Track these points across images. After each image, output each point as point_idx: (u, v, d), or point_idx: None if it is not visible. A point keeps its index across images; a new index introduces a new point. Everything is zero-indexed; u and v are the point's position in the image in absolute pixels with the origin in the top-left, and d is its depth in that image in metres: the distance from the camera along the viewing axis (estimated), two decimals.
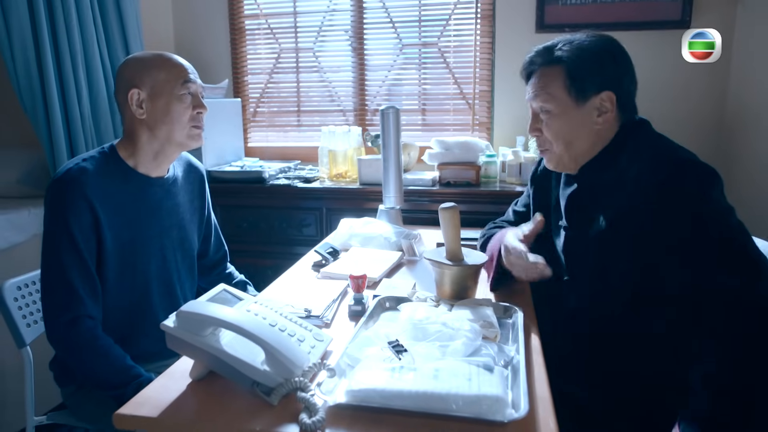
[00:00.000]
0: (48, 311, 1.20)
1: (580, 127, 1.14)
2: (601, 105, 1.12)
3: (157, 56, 1.31)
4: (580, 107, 1.13)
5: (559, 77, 1.13)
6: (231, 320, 0.87)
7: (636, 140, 1.12)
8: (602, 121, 1.13)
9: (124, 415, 0.82)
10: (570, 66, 1.11)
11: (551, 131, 1.16)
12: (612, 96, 1.12)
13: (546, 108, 1.15)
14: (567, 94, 1.12)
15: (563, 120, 1.14)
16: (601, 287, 1.13)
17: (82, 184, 1.20)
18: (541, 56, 1.16)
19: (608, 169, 1.14)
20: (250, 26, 2.78)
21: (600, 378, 1.14)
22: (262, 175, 2.33)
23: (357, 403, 0.80)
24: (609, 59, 1.12)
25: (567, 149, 1.16)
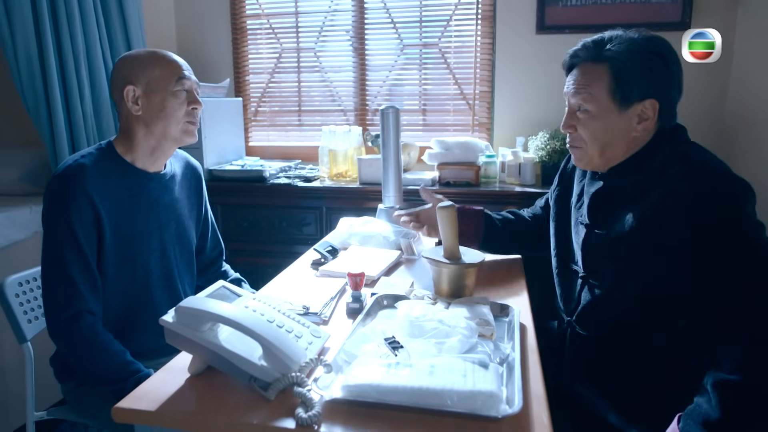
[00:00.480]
0: (49, 307, 1.21)
1: (618, 132, 1.10)
2: (643, 112, 1.08)
3: (151, 53, 1.32)
4: (621, 113, 1.09)
5: (605, 78, 1.08)
6: (229, 316, 0.87)
7: (670, 147, 1.08)
8: (641, 129, 1.10)
9: (122, 409, 0.83)
10: (618, 68, 1.07)
11: (588, 131, 1.13)
12: (656, 104, 1.08)
13: (585, 107, 1.11)
14: (610, 97, 1.08)
15: (602, 123, 1.11)
16: (618, 286, 1.12)
17: (82, 180, 1.21)
18: (589, 51, 1.11)
19: (637, 173, 1.11)
20: (252, 26, 2.80)
21: (606, 377, 1.14)
22: (263, 174, 2.34)
23: (353, 398, 0.80)
24: (660, 65, 1.07)
25: (601, 151, 1.13)
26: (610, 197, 1.16)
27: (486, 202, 2.16)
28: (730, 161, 2.19)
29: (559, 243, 1.30)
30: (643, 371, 1.10)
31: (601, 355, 1.15)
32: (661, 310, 1.06)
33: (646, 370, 1.09)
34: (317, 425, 0.77)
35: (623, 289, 1.10)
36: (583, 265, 1.19)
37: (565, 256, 1.28)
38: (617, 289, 1.12)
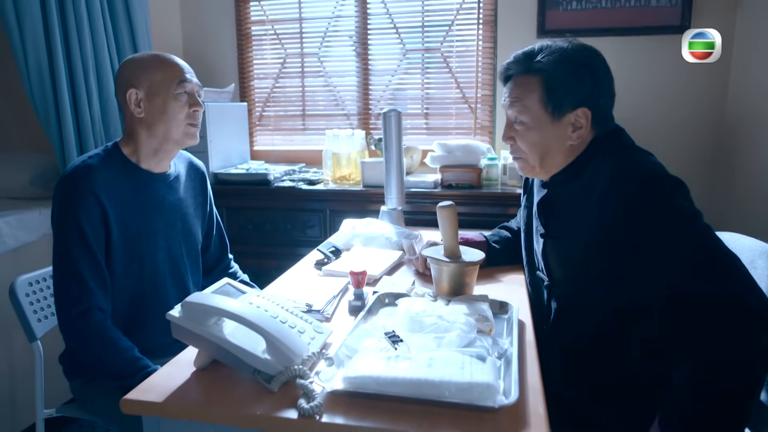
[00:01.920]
0: (60, 303, 1.24)
1: (554, 141, 1.14)
2: (576, 121, 1.12)
3: (153, 57, 1.36)
4: (555, 123, 1.13)
5: (536, 90, 1.12)
6: (234, 311, 0.90)
7: (604, 153, 1.11)
8: (576, 137, 1.13)
9: (131, 401, 0.86)
10: (548, 79, 1.10)
11: (525, 142, 1.17)
12: (588, 113, 1.11)
13: (521, 119, 1.15)
14: (543, 108, 1.12)
15: (537, 133, 1.14)
16: (579, 292, 1.16)
17: (89, 180, 1.24)
18: (519, 64, 1.15)
19: (576, 180, 1.15)
20: (257, 32, 2.84)
21: (582, 378, 1.17)
22: (268, 177, 2.37)
23: (353, 389, 0.83)
24: (588, 74, 1.10)
25: (540, 160, 1.17)
26: (555, 205, 1.20)
27: (488, 204, 2.18)
28: (730, 163, 2.23)
29: (528, 253, 1.34)
30: (621, 372, 1.12)
31: (578, 359, 1.18)
32: (624, 311, 1.08)
33: (623, 370, 1.11)
34: (319, 415, 0.80)
35: (584, 294, 1.14)
36: (546, 274, 1.23)
37: (532, 266, 1.32)
38: (579, 295, 1.15)
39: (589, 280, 1.12)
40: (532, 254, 1.32)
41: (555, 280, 1.21)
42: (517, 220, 1.60)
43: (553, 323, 1.22)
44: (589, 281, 1.12)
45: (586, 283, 1.13)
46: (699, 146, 2.37)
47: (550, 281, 1.22)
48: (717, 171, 2.35)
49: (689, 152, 2.36)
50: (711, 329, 0.91)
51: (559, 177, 1.19)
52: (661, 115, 2.38)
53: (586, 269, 1.12)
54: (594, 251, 1.09)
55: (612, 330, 1.11)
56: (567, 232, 1.16)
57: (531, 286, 1.33)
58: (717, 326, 0.91)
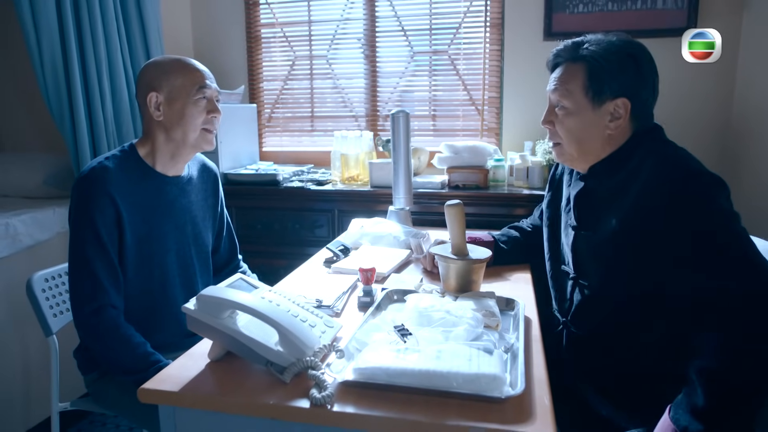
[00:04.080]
0: (74, 300, 1.27)
1: (592, 128, 1.16)
2: (615, 111, 1.14)
3: (175, 61, 1.38)
4: (595, 110, 1.15)
5: (580, 76, 1.15)
6: (248, 304, 0.93)
7: (646, 147, 1.13)
8: (614, 127, 1.15)
9: (147, 390, 0.89)
10: (592, 67, 1.13)
11: (563, 127, 1.19)
12: (627, 103, 1.13)
13: (562, 103, 1.18)
14: (584, 94, 1.15)
15: (577, 119, 1.17)
16: (605, 285, 1.17)
17: (105, 181, 1.27)
18: (567, 51, 1.18)
19: (616, 174, 1.16)
20: (266, 34, 2.87)
21: (601, 374, 1.18)
22: (277, 177, 2.40)
23: (364, 380, 0.85)
24: (631, 66, 1.13)
25: (577, 147, 1.19)
26: (592, 198, 1.21)
27: (494, 204, 2.20)
28: (737, 163, 2.24)
29: (552, 246, 1.35)
30: (637, 366, 1.13)
31: (596, 353, 1.19)
32: (648, 306, 1.10)
33: (639, 365, 1.13)
34: (330, 405, 0.82)
35: (611, 288, 1.15)
36: (573, 267, 1.24)
37: (557, 259, 1.33)
38: (605, 289, 1.16)
39: (620, 271, 1.13)
40: (557, 248, 1.33)
41: (583, 273, 1.22)
42: (531, 219, 1.61)
43: (573, 315, 1.23)
44: (619, 272, 1.13)
45: (615, 275, 1.14)
46: (706, 147, 2.38)
47: (577, 274, 1.23)
48: (724, 171, 2.34)
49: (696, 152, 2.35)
50: (734, 327, 0.93)
51: (599, 169, 1.20)
52: (667, 115, 2.36)
53: (619, 260, 1.13)
54: (627, 244, 1.10)
55: (634, 325, 1.13)
56: (601, 224, 1.17)
57: (552, 279, 1.34)
58: (741, 325, 0.92)
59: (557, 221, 1.35)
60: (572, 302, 1.24)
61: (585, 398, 1.21)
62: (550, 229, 1.37)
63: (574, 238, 1.24)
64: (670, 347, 1.09)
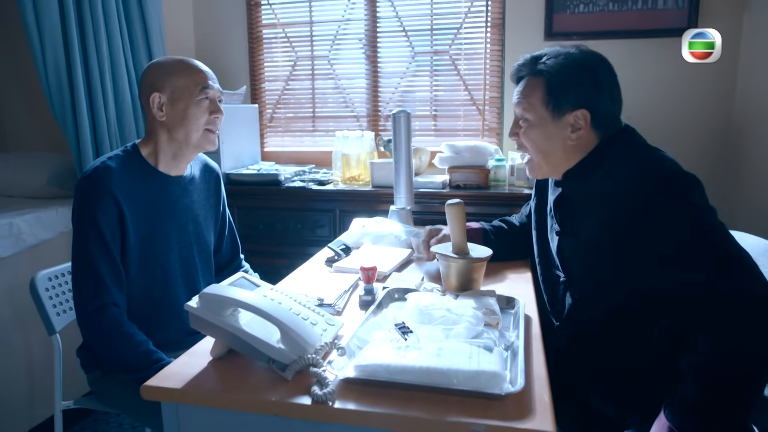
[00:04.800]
0: (77, 299, 1.28)
1: (554, 140, 1.18)
2: (575, 122, 1.16)
3: (178, 62, 1.39)
4: (555, 122, 1.17)
5: (540, 90, 1.17)
6: (250, 302, 0.94)
7: (617, 150, 1.15)
8: (575, 137, 1.17)
9: (150, 387, 0.89)
10: (550, 81, 1.16)
11: (528, 139, 1.22)
12: (587, 114, 1.15)
13: (525, 116, 1.20)
14: (544, 107, 1.17)
15: (539, 131, 1.19)
16: (595, 288, 1.18)
17: (108, 181, 1.28)
18: (527, 66, 1.21)
19: (590, 177, 1.18)
20: (268, 35, 2.89)
21: (597, 373, 1.19)
22: (278, 177, 2.41)
23: (365, 377, 0.86)
24: (588, 78, 1.15)
25: (543, 158, 1.21)
26: (571, 203, 1.23)
27: (495, 204, 2.21)
28: (738, 163, 2.24)
29: (541, 250, 1.37)
30: (632, 365, 1.14)
31: (591, 354, 1.20)
32: (639, 306, 1.11)
33: (634, 364, 1.14)
34: (332, 402, 0.83)
35: (600, 290, 1.16)
36: (562, 271, 1.26)
37: (547, 263, 1.34)
38: (595, 292, 1.18)
39: (606, 274, 1.14)
40: (546, 252, 1.35)
41: (571, 277, 1.24)
42: (519, 217, 1.62)
43: (566, 318, 1.24)
44: (606, 275, 1.14)
45: (603, 278, 1.15)
46: (706, 145, 2.38)
47: (567, 278, 1.25)
48: (724, 170, 2.36)
49: (697, 151, 2.37)
50: (723, 321, 0.93)
51: (572, 174, 1.22)
52: (668, 115, 2.40)
53: (604, 263, 1.14)
54: (610, 247, 1.11)
55: (625, 324, 1.14)
56: (583, 228, 1.19)
57: (544, 283, 1.35)
58: (729, 319, 0.93)
59: (544, 225, 1.36)
60: (564, 305, 1.25)
61: (583, 397, 1.21)
62: (538, 232, 1.39)
63: (558, 243, 1.26)
64: (663, 345, 1.10)
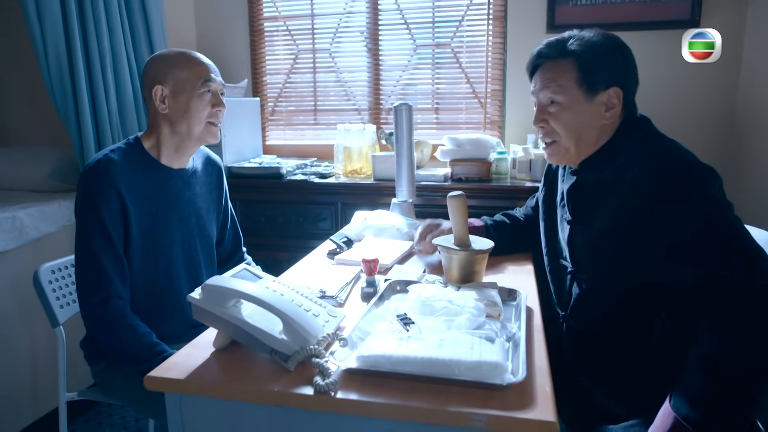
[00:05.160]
0: (81, 291, 1.29)
1: (589, 120, 1.17)
2: (609, 100, 1.15)
3: (181, 54, 1.39)
4: (590, 101, 1.15)
5: (571, 70, 1.15)
6: (252, 293, 0.94)
7: (636, 138, 1.15)
8: (609, 116, 1.16)
9: (154, 378, 0.90)
10: (582, 60, 1.15)
11: (561, 123, 1.18)
12: (619, 92, 1.15)
13: (556, 99, 1.17)
14: (578, 87, 1.15)
15: (573, 112, 1.17)
16: (603, 278, 1.18)
17: (110, 174, 1.28)
18: (553, 49, 1.19)
19: (607, 166, 1.17)
20: (269, 28, 2.88)
21: (601, 366, 1.19)
22: (280, 171, 2.41)
23: (367, 367, 0.86)
24: (619, 56, 1.16)
25: (576, 142, 1.19)
26: (585, 192, 1.22)
27: (497, 197, 2.21)
28: (741, 157, 2.24)
29: (549, 241, 1.36)
30: (637, 358, 1.14)
31: (596, 346, 1.20)
32: (647, 298, 1.10)
33: (639, 356, 1.14)
34: (334, 392, 0.83)
35: (608, 281, 1.16)
36: (570, 261, 1.25)
37: (555, 253, 1.34)
38: (603, 282, 1.17)
39: (616, 264, 1.14)
40: (554, 243, 1.34)
41: (579, 267, 1.23)
42: (524, 210, 1.62)
43: (572, 308, 1.24)
44: (615, 265, 1.14)
45: (612, 267, 1.15)
46: (710, 138, 2.37)
47: (575, 268, 1.24)
48: (727, 162, 2.35)
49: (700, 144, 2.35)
50: (730, 313, 0.94)
51: (590, 162, 1.21)
52: (671, 106, 2.39)
53: (614, 253, 1.13)
54: (621, 235, 1.11)
55: (632, 315, 1.13)
56: (596, 217, 1.18)
57: (551, 273, 1.34)
58: (736, 310, 0.93)
59: (553, 216, 1.35)
60: (571, 296, 1.25)
61: (585, 390, 1.22)
62: (546, 223, 1.38)
63: (570, 232, 1.25)
64: (669, 337, 1.10)
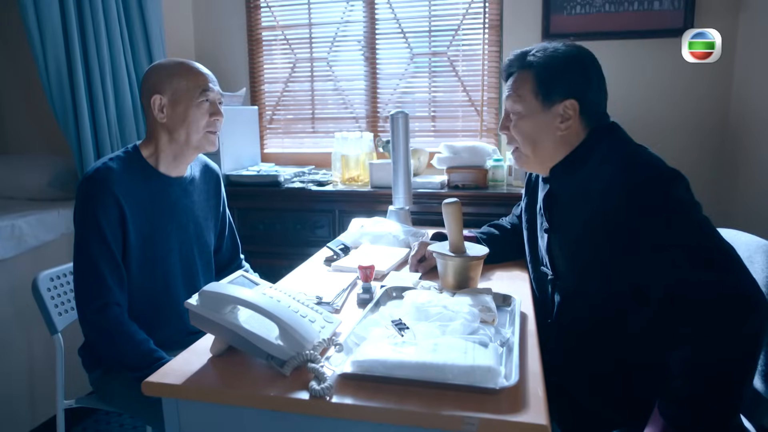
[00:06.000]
0: (79, 299, 1.30)
1: (544, 130, 1.21)
2: (564, 112, 1.19)
3: (179, 64, 1.40)
4: (545, 112, 1.20)
5: (529, 81, 1.20)
6: (249, 299, 0.95)
7: (605, 146, 1.18)
8: (564, 128, 1.19)
9: (151, 383, 0.91)
10: (538, 72, 1.19)
11: (518, 131, 1.24)
12: (575, 104, 1.18)
13: (516, 109, 1.23)
14: (534, 97, 1.20)
15: (529, 122, 1.22)
16: (580, 284, 1.20)
17: (109, 182, 1.30)
18: (516, 60, 1.25)
19: (576, 174, 1.20)
20: (267, 37, 2.90)
21: (584, 368, 1.21)
22: (278, 178, 2.42)
23: (362, 372, 0.87)
24: (577, 69, 1.19)
25: (532, 150, 1.23)
26: (557, 200, 1.25)
27: (493, 204, 2.22)
28: (734, 159, 2.26)
29: (532, 249, 1.39)
30: (622, 361, 1.15)
31: (582, 351, 1.21)
32: (626, 302, 1.12)
33: (624, 359, 1.15)
34: (329, 396, 0.84)
35: (586, 287, 1.18)
36: (550, 268, 1.28)
37: (537, 261, 1.37)
38: (582, 288, 1.20)
39: (592, 271, 1.16)
40: (536, 251, 1.37)
41: (559, 274, 1.26)
42: (510, 218, 1.64)
43: (556, 316, 1.26)
44: (591, 271, 1.16)
45: (589, 274, 1.17)
46: (702, 145, 2.40)
47: (554, 275, 1.27)
48: (720, 169, 2.37)
49: (693, 151, 2.39)
50: (707, 314, 0.95)
51: (559, 170, 1.24)
52: (664, 115, 2.41)
53: (589, 260, 1.16)
54: (597, 241, 1.13)
55: (612, 320, 1.15)
56: (570, 225, 1.21)
57: (535, 281, 1.37)
58: (713, 311, 0.94)
59: (535, 224, 1.38)
60: (554, 303, 1.27)
61: (575, 395, 1.23)
62: (529, 232, 1.41)
63: (548, 240, 1.28)
64: (653, 340, 1.11)
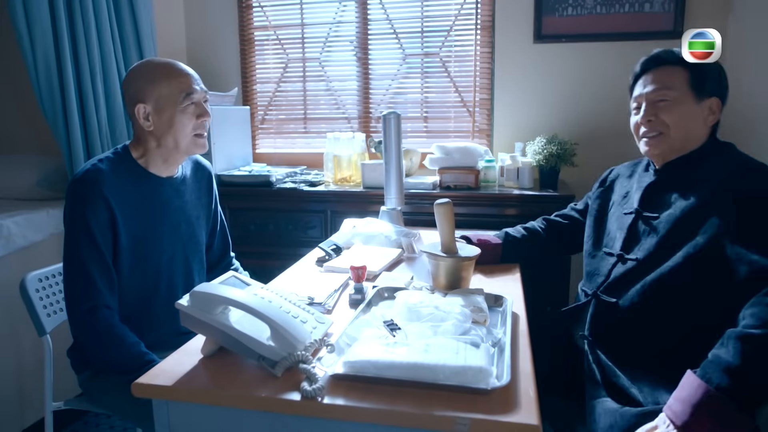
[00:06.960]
0: (69, 301, 1.29)
1: (695, 119, 1.28)
2: (711, 108, 1.28)
3: (159, 68, 1.36)
4: (698, 103, 1.27)
5: (682, 73, 1.28)
6: (240, 300, 0.95)
7: (725, 150, 1.28)
8: (710, 122, 1.28)
9: (141, 384, 0.90)
10: (693, 66, 1.27)
11: (672, 116, 1.28)
12: (720, 104, 1.28)
13: (668, 96, 1.28)
14: (689, 87, 1.27)
15: (683, 109, 1.27)
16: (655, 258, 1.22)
17: (99, 183, 1.28)
18: (670, 55, 1.31)
19: (692, 170, 1.27)
20: (259, 37, 2.89)
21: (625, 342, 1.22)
22: (270, 179, 2.41)
23: (353, 373, 0.87)
24: (723, 74, 1.30)
25: (683, 135, 1.28)
26: (663, 188, 1.31)
27: (485, 205, 2.23)
28: None
29: (595, 231, 1.45)
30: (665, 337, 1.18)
31: (623, 321, 1.24)
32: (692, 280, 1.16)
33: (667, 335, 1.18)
34: (321, 397, 0.84)
35: (659, 259, 1.21)
36: (622, 246, 1.31)
37: (598, 242, 1.42)
38: (653, 260, 1.23)
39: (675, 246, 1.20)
40: (600, 234, 1.43)
41: (629, 250, 1.29)
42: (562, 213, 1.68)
43: (607, 287, 1.29)
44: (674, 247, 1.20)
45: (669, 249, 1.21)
46: None
47: (623, 252, 1.30)
48: None
49: None
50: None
51: (674, 165, 1.31)
52: None
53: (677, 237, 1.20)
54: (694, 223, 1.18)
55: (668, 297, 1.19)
56: (668, 208, 1.26)
57: (590, 257, 1.42)
58: None
59: (603, 211, 1.46)
60: (609, 276, 1.30)
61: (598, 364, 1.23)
62: (595, 217, 1.48)
63: (632, 221, 1.32)
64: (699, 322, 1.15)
